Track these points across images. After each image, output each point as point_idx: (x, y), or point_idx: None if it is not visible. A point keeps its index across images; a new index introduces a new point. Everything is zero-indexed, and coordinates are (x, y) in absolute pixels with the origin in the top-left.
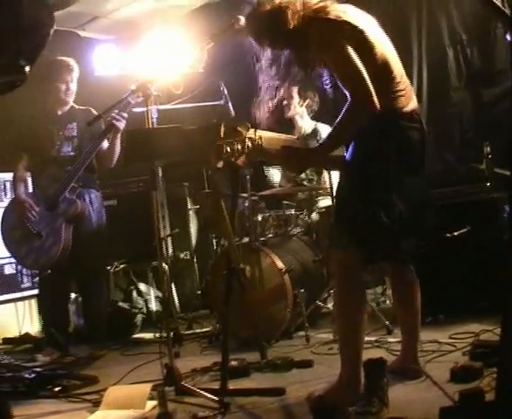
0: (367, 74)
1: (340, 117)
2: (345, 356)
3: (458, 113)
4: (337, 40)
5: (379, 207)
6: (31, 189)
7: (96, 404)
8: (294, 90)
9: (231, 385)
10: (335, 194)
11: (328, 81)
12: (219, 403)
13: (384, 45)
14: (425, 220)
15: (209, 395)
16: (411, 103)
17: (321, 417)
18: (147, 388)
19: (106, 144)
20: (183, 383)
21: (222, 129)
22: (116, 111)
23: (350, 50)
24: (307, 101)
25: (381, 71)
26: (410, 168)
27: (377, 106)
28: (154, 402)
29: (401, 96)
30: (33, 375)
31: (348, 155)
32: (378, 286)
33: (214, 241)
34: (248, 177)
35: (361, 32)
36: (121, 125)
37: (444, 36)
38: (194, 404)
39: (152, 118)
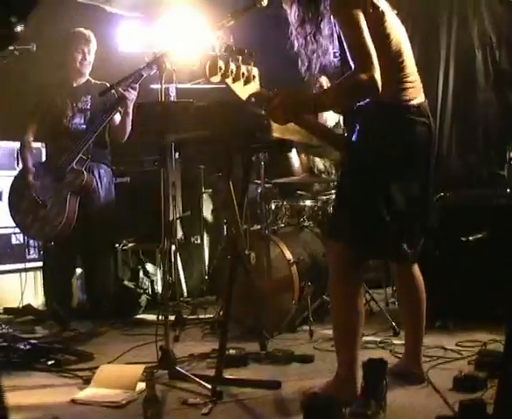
0: (379, 59)
1: (340, 81)
2: (341, 353)
3: (483, 115)
4: (352, 7)
5: (380, 202)
6: (43, 159)
7: (87, 381)
8: (323, 78)
9: (228, 374)
10: (337, 181)
11: (337, 54)
12: (212, 391)
13: (399, 35)
14: (427, 220)
15: (202, 382)
16: (419, 97)
17: (311, 415)
18: (139, 369)
19: (118, 118)
20: (177, 367)
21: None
22: (127, 83)
23: (363, 20)
24: None
25: (393, 58)
26: (414, 165)
27: (379, 84)
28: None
29: (409, 88)
30: (28, 347)
31: (353, 137)
32: (389, 287)
33: (225, 226)
34: (263, 163)
35: (382, 13)
36: (131, 96)
37: (474, 37)
38: (186, 390)
39: (170, 95)
